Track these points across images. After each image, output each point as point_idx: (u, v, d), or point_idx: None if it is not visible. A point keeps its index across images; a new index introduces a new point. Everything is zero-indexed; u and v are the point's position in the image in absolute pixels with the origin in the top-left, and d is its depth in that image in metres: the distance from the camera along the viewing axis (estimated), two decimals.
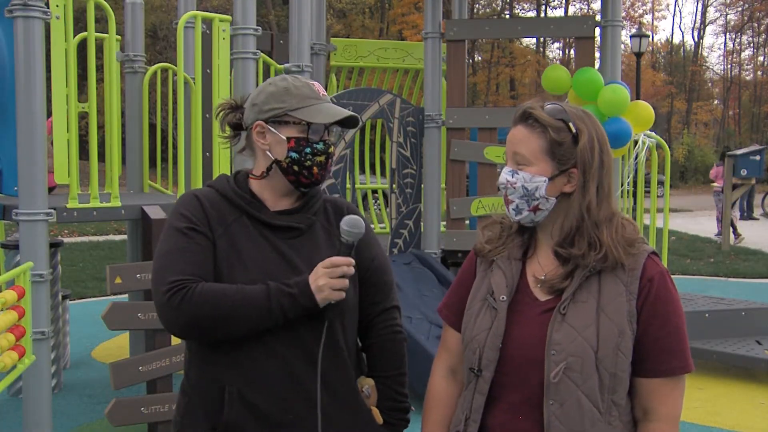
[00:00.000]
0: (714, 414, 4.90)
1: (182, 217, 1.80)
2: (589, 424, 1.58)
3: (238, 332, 1.73)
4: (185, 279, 1.72)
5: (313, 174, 1.83)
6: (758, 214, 19.13)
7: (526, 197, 1.65)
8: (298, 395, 1.77)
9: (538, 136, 1.65)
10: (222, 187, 1.87)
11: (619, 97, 5.15)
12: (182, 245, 1.76)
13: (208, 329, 1.72)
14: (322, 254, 1.82)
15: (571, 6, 40.55)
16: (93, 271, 10.17)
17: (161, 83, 6.26)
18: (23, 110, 3.67)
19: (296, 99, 1.82)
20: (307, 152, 1.81)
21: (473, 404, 1.69)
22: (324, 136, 1.83)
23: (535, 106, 1.67)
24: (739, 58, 48.26)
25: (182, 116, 4.50)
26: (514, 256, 1.73)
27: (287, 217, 1.85)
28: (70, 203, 4.08)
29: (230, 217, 1.82)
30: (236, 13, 4.53)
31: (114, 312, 3.71)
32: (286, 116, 1.82)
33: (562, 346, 1.58)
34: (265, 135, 1.84)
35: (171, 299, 1.70)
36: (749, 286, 9.74)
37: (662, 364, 1.61)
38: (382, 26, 34.12)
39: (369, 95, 5.71)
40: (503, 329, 1.66)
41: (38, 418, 3.72)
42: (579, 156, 1.63)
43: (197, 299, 1.70)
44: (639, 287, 1.61)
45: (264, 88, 1.87)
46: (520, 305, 1.68)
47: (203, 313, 1.70)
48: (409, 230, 5.97)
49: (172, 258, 1.75)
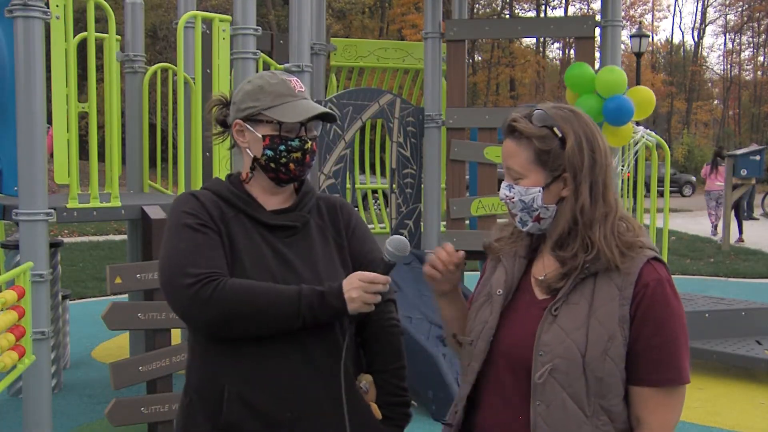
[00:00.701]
0: (714, 414, 4.90)
1: (189, 215, 1.79)
2: (575, 427, 1.56)
3: (265, 329, 1.72)
4: (213, 272, 1.71)
5: (290, 170, 1.84)
6: (758, 214, 19.14)
7: (526, 210, 1.66)
8: (297, 395, 1.77)
9: (525, 148, 1.64)
10: (217, 188, 1.88)
11: (616, 76, 5.22)
12: (199, 241, 1.75)
13: (236, 324, 1.71)
14: (317, 252, 1.83)
15: (571, 6, 40.57)
16: (93, 271, 10.16)
17: (161, 83, 6.26)
18: (23, 110, 3.67)
19: (270, 97, 1.83)
20: (282, 150, 1.83)
21: (460, 394, 1.72)
22: (300, 132, 1.84)
23: (517, 118, 1.66)
24: (738, 58, 48.29)
25: (182, 116, 4.51)
26: (519, 254, 1.74)
27: (283, 216, 1.86)
28: (70, 203, 4.08)
29: (228, 216, 1.82)
30: (236, 13, 4.53)
31: (114, 312, 3.71)
32: (260, 115, 1.83)
33: (550, 347, 1.57)
34: (243, 133, 1.87)
35: (200, 292, 1.68)
36: (749, 286, 9.73)
37: (652, 374, 1.57)
38: (382, 26, 34.13)
39: (369, 95, 5.71)
40: (496, 322, 1.67)
41: (38, 418, 3.72)
42: (566, 160, 1.62)
43: (228, 293, 1.68)
44: (633, 292, 1.57)
45: (242, 86, 1.89)
46: (519, 302, 1.69)
47: (233, 307, 1.68)
48: (409, 230, 5.97)
49: (191, 253, 1.73)
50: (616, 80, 5.22)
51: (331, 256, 1.88)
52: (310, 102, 1.87)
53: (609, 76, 5.24)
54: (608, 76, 5.24)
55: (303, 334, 1.77)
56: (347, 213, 1.97)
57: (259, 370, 1.76)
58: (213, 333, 1.75)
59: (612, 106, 5.17)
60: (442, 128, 5.96)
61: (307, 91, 1.92)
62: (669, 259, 6.17)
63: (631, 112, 5.21)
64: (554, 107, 1.67)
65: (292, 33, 4.87)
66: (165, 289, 1.76)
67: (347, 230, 1.94)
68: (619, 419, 1.60)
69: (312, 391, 1.77)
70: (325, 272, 1.83)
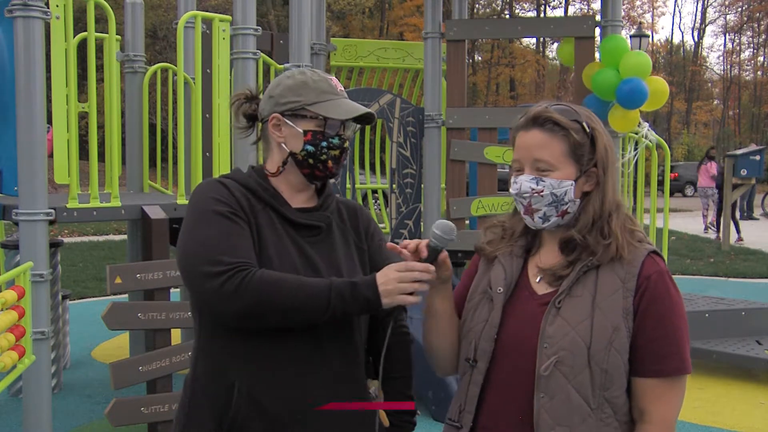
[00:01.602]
0: (714, 414, 4.90)
1: (218, 202, 1.73)
2: (578, 419, 1.58)
3: (294, 319, 1.68)
4: (243, 262, 1.66)
5: (328, 167, 1.83)
6: (758, 214, 19.14)
7: (555, 204, 1.65)
8: (307, 394, 1.75)
9: (560, 140, 1.64)
10: (244, 179, 1.83)
11: (642, 59, 5.38)
12: (231, 229, 1.70)
13: (265, 314, 1.65)
14: (339, 254, 1.82)
15: (571, 6, 40.59)
16: (93, 271, 10.17)
17: (161, 83, 6.25)
18: (23, 110, 3.66)
19: (314, 93, 1.81)
20: (323, 146, 1.81)
21: (468, 394, 1.69)
22: (340, 131, 1.83)
23: (549, 110, 1.66)
24: (738, 59, 48.29)
25: (182, 116, 4.50)
26: (516, 253, 1.74)
27: (308, 215, 1.84)
28: (70, 203, 4.08)
29: (256, 208, 1.79)
30: (236, 13, 4.53)
31: (114, 312, 3.70)
32: (303, 110, 1.81)
33: (555, 340, 1.58)
34: (281, 127, 1.83)
35: (227, 282, 1.63)
36: (749, 286, 9.74)
37: (655, 364, 1.59)
38: (382, 25, 34.12)
39: (369, 95, 5.71)
40: (498, 320, 1.67)
41: (38, 418, 3.71)
42: (599, 156, 1.65)
43: (258, 284, 1.63)
44: (636, 285, 1.60)
45: (281, 80, 1.86)
46: (519, 299, 1.69)
47: (263, 299, 1.63)
48: (409, 230, 5.97)
49: (222, 241, 1.68)
50: (641, 63, 5.34)
51: (352, 258, 1.87)
52: (352, 102, 1.86)
53: (636, 59, 5.36)
54: (635, 59, 5.35)
55: (322, 336, 1.75)
56: (366, 218, 1.97)
57: (269, 368, 1.74)
58: (240, 323, 1.69)
59: (626, 88, 5.22)
60: (442, 128, 5.96)
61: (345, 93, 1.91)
62: (669, 259, 6.17)
63: (644, 98, 5.26)
64: (567, 104, 1.69)
65: (292, 33, 4.87)
66: (190, 276, 1.69)
67: (367, 235, 1.93)
68: (621, 411, 1.62)
69: (324, 395, 1.76)
70: (347, 274, 1.81)
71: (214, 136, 4.61)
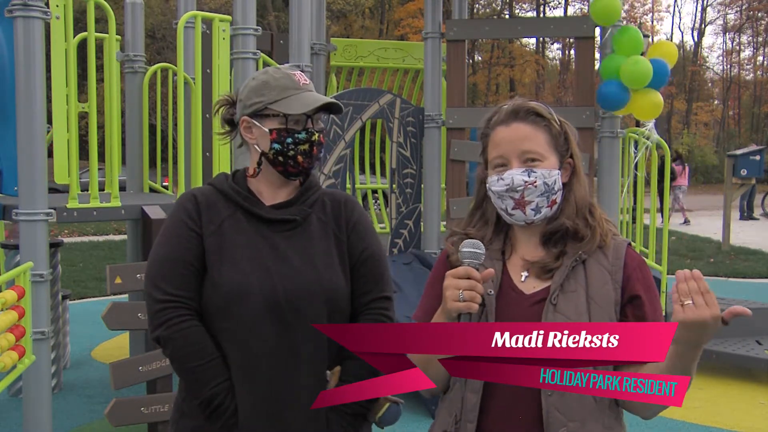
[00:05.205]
0: (714, 414, 4.90)
1: (180, 222, 1.86)
2: (588, 412, 1.59)
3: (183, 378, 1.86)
4: (177, 301, 1.80)
5: (299, 163, 1.86)
6: (758, 214, 19.13)
7: (546, 194, 1.66)
8: (287, 386, 1.80)
9: (544, 131, 1.68)
10: (220, 184, 1.91)
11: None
12: (177, 254, 1.82)
13: (168, 355, 1.82)
14: (315, 246, 1.85)
15: (571, 6, 40.57)
16: (93, 271, 10.17)
17: (161, 83, 6.25)
18: (23, 110, 3.67)
19: (275, 91, 1.85)
20: (289, 142, 1.84)
21: (465, 404, 1.66)
22: (306, 125, 1.85)
23: (528, 103, 1.71)
24: (738, 58, 48.27)
25: (182, 116, 4.50)
26: (494, 256, 1.73)
27: (282, 210, 1.88)
28: (70, 203, 4.08)
29: (224, 213, 1.86)
30: (236, 13, 4.53)
31: (114, 312, 3.70)
32: (266, 109, 1.85)
33: None
34: (251, 129, 1.88)
35: (158, 314, 1.79)
36: (749, 286, 9.74)
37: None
38: (382, 27, 34.13)
39: (369, 95, 5.71)
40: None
41: (38, 418, 3.72)
42: (572, 147, 1.71)
43: (178, 335, 1.78)
44: (623, 276, 1.65)
45: (247, 83, 1.90)
46: (507, 300, 1.67)
47: (176, 345, 1.79)
48: (409, 230, 5.97)
49: (170, 267, 1.82)
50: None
51: (330, 251, 1.89)
52: (315, 94, 1.88)
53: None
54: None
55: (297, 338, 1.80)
56: (350, 208, 1.96)
57: (251, 360, 1.80)
58: (155, 343, 1.86)
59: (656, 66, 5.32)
60: (442, 128, 5.96)
61: (312, 85, 1.92)
62: (669, 259, 6.16)
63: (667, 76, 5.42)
64: (533, 100, 1.75)
65: (292, 33, 4.87)
66: (144, 287, 1.87)
67: (348, 226, 1.94)
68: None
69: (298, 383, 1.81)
70: (322, 266, 1.85)
71: (214, 135, 4.60)
